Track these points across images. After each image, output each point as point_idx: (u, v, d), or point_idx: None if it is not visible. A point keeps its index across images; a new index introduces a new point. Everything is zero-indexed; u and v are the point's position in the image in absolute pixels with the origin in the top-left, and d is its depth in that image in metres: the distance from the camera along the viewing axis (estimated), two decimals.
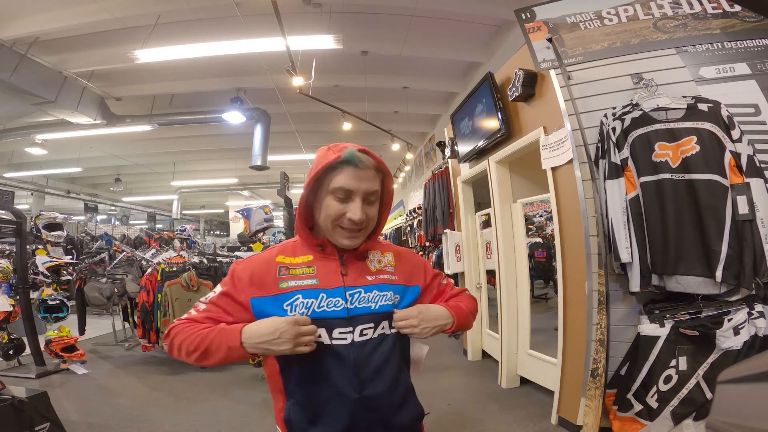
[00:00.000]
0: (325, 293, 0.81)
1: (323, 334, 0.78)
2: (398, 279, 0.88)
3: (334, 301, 0.80)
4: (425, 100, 7.22)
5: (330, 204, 0.81)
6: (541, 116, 2.42)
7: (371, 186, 0.82)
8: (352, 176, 0.79)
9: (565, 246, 2.28)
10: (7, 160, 9.58)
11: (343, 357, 0.78)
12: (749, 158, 1.69)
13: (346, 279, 0.83)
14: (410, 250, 0.99)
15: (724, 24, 2.06)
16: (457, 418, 2.47)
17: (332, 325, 0.79)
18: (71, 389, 3.07)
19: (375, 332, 0.82)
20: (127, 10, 4.36)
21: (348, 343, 0.79)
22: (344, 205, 0.80)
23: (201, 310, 0.82)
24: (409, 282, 0.90)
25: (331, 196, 0.80)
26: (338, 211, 0.80)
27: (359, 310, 0.81)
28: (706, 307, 1.77)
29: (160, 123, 6.71)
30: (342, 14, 4.57)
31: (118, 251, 5.17)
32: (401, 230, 7.67)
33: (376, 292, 0.84)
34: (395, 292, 0.86)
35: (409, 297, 0.89)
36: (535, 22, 2.31)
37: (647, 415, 1.81)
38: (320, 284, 0.81)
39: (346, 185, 0.79)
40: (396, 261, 0.91)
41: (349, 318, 0.80)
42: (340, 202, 0.80)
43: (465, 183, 3.72)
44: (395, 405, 0.83)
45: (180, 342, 0.77)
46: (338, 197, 0.80)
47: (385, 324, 0.83)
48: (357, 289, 0.82)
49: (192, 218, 18.52)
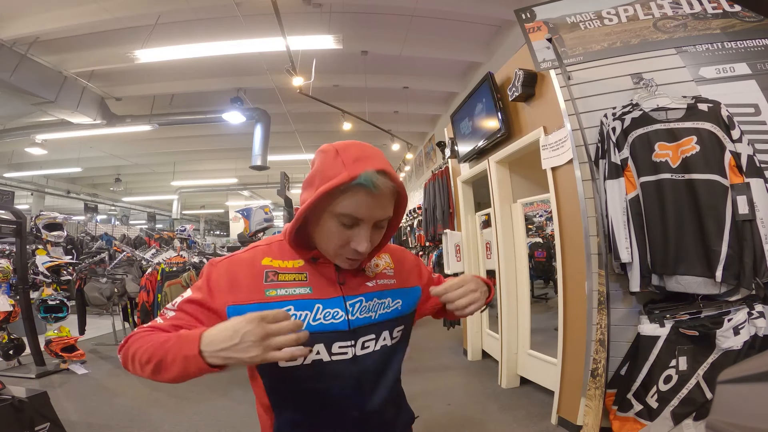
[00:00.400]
0: (321, 304, 0.71)
1: (321, 350, 0.69)
2: (396, 282, 0.81)
3: (333, 312, 0.71)
4: (425, 100, 7.22)
5: (332, 230, 0.68)
6: (541, 116, 2.42)
7: (384, 213, 0.69)
8: (363, 203, 0.65)
9: (565, 246, 2.28)
10: (7, 160, 9.58)
11: (345, 374, 0.70)
12: (749, 158, 1.69)
13: (345, 288, 0.74)
14: (403, 248, 0.92)
15: (724, 24, 2.06)
16: (457, 418, 2.47)
17: (331, 340, 0.70)
18: (71, 389, 3.07)
19: (377, 344, 0.74)
20: (127, 10, 4.36)
21: (349, 357, 0.71)
22: (349, 232, 0.68)
23: (168, 318, 0.68)
24: (408, 283, 0.83)
25: (335, 221, 0.67)
26: (342, 240, 0.68)
27: (361, 321, 0.73)
28: (706, 307, 1.77)
29: (160, 123, 6.71)
30: (342, 14, 4.57)
31: (118, 251, 5.17)
32: (401, 230, 7.67)
33: (376, 300, 0.76)
34: (394, 298, 0.79)
35: (410, 300, 0.82)
36: (535, 22, 2.31)
37: (647, 415, 1.81)
38: (315, 293, 0.71)
39: (355, 213, 0.66)
40: (394, 263, 0.83)
41: (351, 331, 0.71)
42: (345, 228, 0.67)
43: (465, 183, 3.72)
44: (393, 414, 0.79)
45: (134, 352, 0.61)
46: (343, 223, 0.67)
47: (386, 334, 0.76)
48: (358, 298, 0.74)
49: (192, 218, 18.52)
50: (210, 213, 19.72)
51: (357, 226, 0.67)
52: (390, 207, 0.70)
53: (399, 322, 0.79)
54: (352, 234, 0.68)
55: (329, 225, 0.68)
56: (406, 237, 6.99)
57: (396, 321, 0.78)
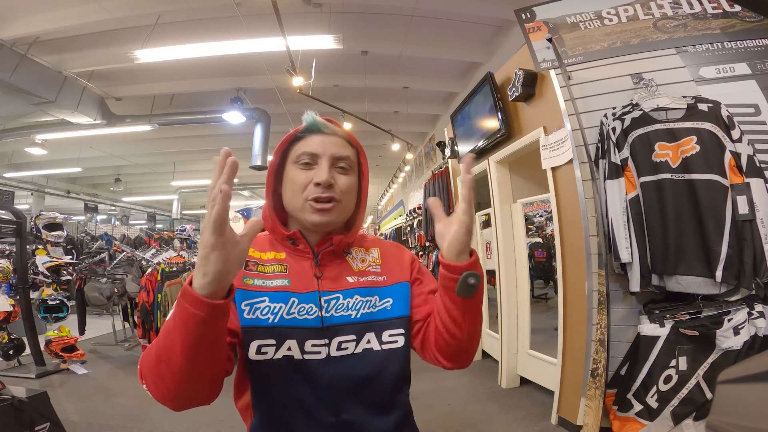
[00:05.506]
0: (297, 297, 0.68)
1: (293, 347, 0.65)
2: (387, 279, 0.75)
3: (307, 307, 0.68)
4: (425, 100, 7.21)
5: (295, 174, 0.71)
6: (541, 116, 2.42)
7: (340, 151, 0.72)
8: (316, 141, 0.71)
9: (565, 246, 2.28)
10: (7, 160, 9.57)
11: (317, 374, 0.66)
12: (749, 158, 1.69)
13: (322, 282, 0.71)
14: (400, 245, 0.87)
15: (724, 24, 2.06)
16: (457, 418, 2.47)
17: (304, 336, 0.66)
18: (71, 389, 3.07)
19: (358, 346, 0.68)
20: (127, 10, 4.36)
21: (323, 357, 0.66)
22: (310, 171, 0.70)
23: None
24: (398, 279, 0.77)
25: (296, 166, 0.71)
26: (305, 178, 0.70)
27: (336, 319, 0.68)
28: (706, 307, 1.77)
29: (160, 123, 6.70)
30: (342, 14, 4.57)
31: (118, 251, 5.17)
32: (401, 230, 7.67)
33: (358, 297, 0.71)
34: (382, 297, 0.73)
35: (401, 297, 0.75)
36: (535, 22, 2.31)
37: (647, 415, 1.81)
38: (292, 286, 0.69)
39: (309, 148, 0.70)
40: (383, 258, 0.78)
41: (323, 329, 0.67)
42: (306, 169, 0.70)
43: None
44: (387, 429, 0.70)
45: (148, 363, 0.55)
46: (303, 164, 0.70)
47: (370, 337, 0.69)
48: (334, 295, 0.70)
49: (192, 218, 18.51)
50: None
51: (316, 164, 0.70)
52: (347, 147, 0.74)
53: (390, 325, 0.71)
54: (313, 173, 0.70)
55: (292, 173, 0.71)
56: (406, 237, 6.99)
57: (385, 323, 0.71)
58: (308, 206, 0.70)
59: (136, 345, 4.34)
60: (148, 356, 0.56)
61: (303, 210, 0.70)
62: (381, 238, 0.88)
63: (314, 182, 0.69)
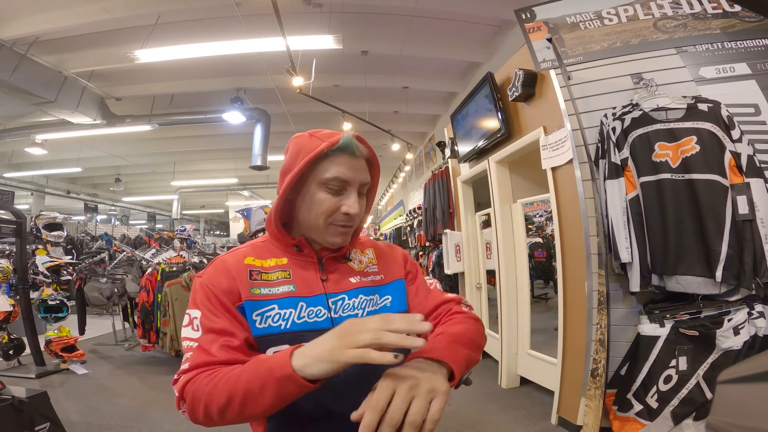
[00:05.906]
0: (305, 302, 0.70)
1: None
2: (384, 278, 0.79)
3: (316, 310, 0.70)
4: (425, 100, 7.21)
5: (323, 198, 0.70)
6: (541, 116, 2.42)
7: (366, 177, 0.73)
8: (349, 166, 0.69)
9: (565, 246, 2.28)
10: (7, 160, 9.58)
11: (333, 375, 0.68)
12: (749, 158, 1.69)
13: (327, 285, 0.73)
14: (389, 243, 0.90)
15: (724, 24, 2.06)
16: (457, 418, 2.47)
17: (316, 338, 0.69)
18: (71, 389, 3.07)
19: None
20: (127, 10, 4.35)
21: None
22: (338, 197, 0.70)
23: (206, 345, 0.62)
24: (394, 276, 0.80)
25: (323, 189, 0.70)
26: (333, 205, 0.70)
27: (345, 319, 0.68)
28: (706, 307, 1.77)
29: (160, 123, 6.70)
30: (342, 14, 4.57)
31: (118, 251, 5.17)
32: (401, 230, 7.66)
33: (362, 296, 0.74)
34: (382, 295, 0.77)
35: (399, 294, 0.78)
36: (535, 22, 2.31)
37: (647, 415, 1.81)
38: (298, 291, 0.70)
39: (342, 175, 0.69)
40: (378, 258, 0.82)
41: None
42: (334, 194, 0.70)
43: (465, 183, 3.72)
44: None
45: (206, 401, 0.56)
46: (331, 189, 0.70)
47: None
48: (340, 296, 0.73)
49: (192, 218, 18.52)
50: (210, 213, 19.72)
51: (345, 191, 0.71)
52: (368, 172, 0.75)
53: None
54: (341, 199, 0.70)
55: (318, 195, 0.70)
56: (406, 237, 6.98)
57: None
58: (332, 229, 0.72)
59: (136, 345, 4.34)
60: (209, 393, 0.56)
61: (326, 231, 0.72)
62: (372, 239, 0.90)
63: (344, 212, 0.70)
